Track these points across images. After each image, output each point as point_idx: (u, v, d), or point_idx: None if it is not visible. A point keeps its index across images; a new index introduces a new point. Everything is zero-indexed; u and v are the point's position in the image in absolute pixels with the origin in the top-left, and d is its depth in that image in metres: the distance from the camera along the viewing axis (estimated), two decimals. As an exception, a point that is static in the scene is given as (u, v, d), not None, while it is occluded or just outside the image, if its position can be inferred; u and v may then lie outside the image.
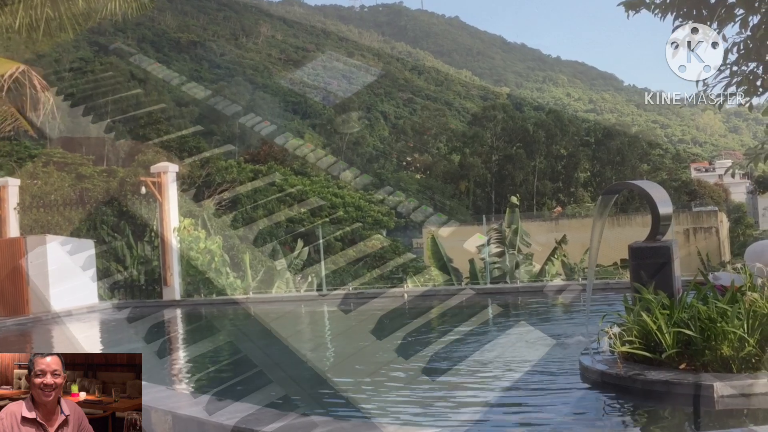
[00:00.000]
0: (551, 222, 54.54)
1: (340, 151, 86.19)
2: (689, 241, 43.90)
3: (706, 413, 7.88)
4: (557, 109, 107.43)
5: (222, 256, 26.98)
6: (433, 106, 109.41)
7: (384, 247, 43.03)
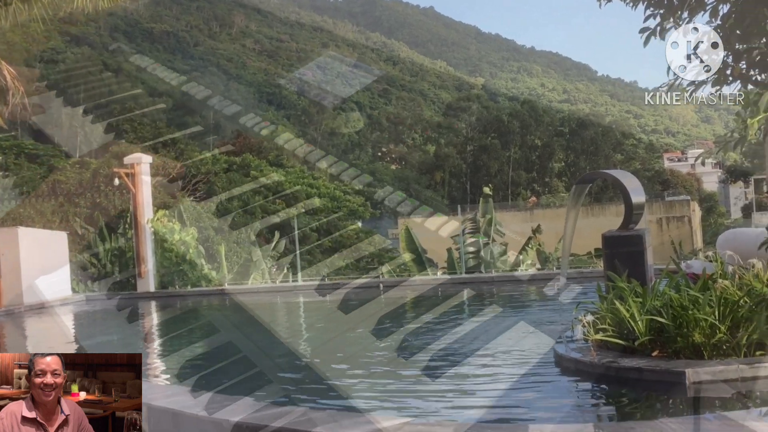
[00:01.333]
0: (526, 212, 54.78)
1: (315, 142, 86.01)
2: (662, 230, 44.29)
3: (679, 399, 7.98)
4: (532, 100, 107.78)
5: (197, 247, 26.87)
6: (408, 96, 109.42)
7: (359, 238, 43.04)
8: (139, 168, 26.27)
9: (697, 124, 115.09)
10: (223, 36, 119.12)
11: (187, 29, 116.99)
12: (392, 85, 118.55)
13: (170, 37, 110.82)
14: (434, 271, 24.93)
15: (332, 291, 22.57)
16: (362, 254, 39.46)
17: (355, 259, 39.59)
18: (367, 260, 37.96)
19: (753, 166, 54.49)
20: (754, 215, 45.39)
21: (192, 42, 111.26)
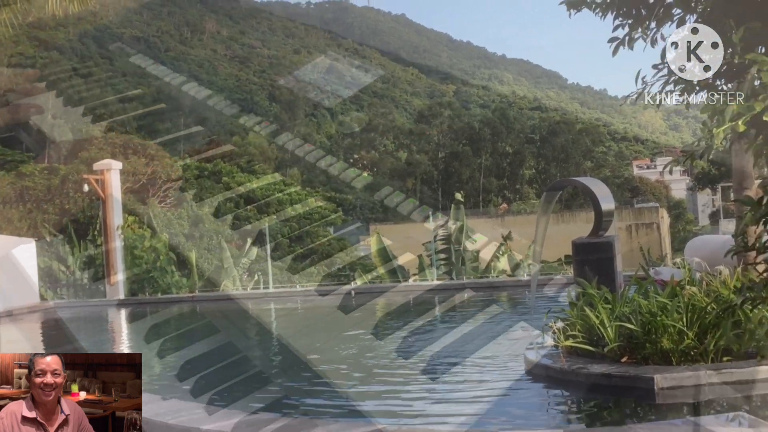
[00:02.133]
0: (497, 218, 55.04)
1: (286, 149, 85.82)
2: (631, 237, 44.69)
3: (647, 405, 8.05)
4: (503, 107, 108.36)
5: (168, 254, 26.69)
6: (380, 103, 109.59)
7: (331, 245, 43.01)
8: (109, 174, 26.06)
9: (665, 132, 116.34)
10: (194, 42, 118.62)
11: (158, 34, 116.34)
12: (364, 91, 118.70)
13: (140, 42, 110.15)
14: (406, 279, 24.97)
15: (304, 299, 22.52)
16: (334, 261, 39.43)
17: (326, 265, 39.55)
18: (340, 267, 37.96)
19: (720, 174, 55.18)
20: (722, 222, 45.94)
21: (163, 47, 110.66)
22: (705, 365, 8.42)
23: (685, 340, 8.65)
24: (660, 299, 9.33)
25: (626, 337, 9.14)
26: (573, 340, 9.53)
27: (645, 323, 8.97)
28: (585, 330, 9.54)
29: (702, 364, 8.46)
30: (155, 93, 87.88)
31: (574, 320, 9.82)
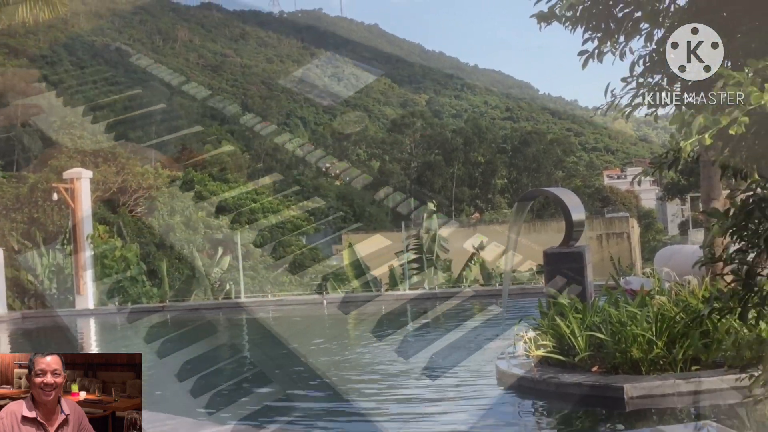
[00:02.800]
0: (469, 228, 55.18)
1: (258, 158, 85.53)
2: (602, 247, 44.97)
3: (617, 414, 8.11)
4: (475, 117, 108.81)
5: (138, 264, 26.47)
6: (353, 112, 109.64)
7: (304, 254, 42.89)
8: (79, 183, 25.83)
9: (635, 143, 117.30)
10: (166, 50, 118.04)
11: (130, 42, 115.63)
12: (335, 100, 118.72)
13: (111, 50, 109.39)
14: (378, 288, 24.95)
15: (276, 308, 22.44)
16: (307, 270, 39.34)
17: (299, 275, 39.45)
18: (312, 277, 37.85)
19: (689, 184, 55.76)
20: (691, 232, 46.40)
21: (134, 56, 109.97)
22: (674, 374, 8.51)
23: (654, 349, 8.74)
24: (630, 309, 9.42)
25: (596, 347, 9.22)
26: (544, 349, 9.60)
27: (615, 333, 9.05)
28: (556, 339, 9.62)
29: (671, 373, 8.55)
30: (126, 100, 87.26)
31: (545, 330, 9.89)
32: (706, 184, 11.84)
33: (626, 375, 8.70)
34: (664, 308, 9.37)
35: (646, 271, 13.38)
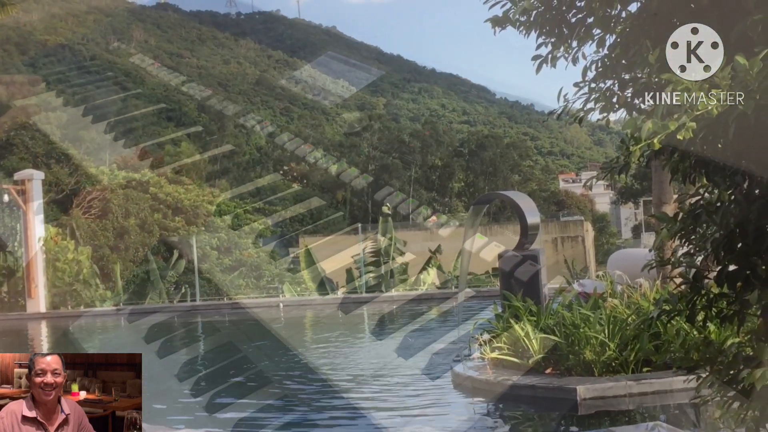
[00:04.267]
0: (426, 231, 55.32)
1: (215, 160, 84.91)
2: (557, 250, 45.43)
3: (570, 416, 8.20)
4: (432, 120, 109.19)
5: (91, 267, 26.10)
6: (310, 115, 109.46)
7: (260, 257, 42.60)
8: (31, 184, 25.41)
9: (590, 147, 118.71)
10: (120, 50, 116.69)
11: (83, 42, 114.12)
12: (294, 103, 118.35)
13: (65, 50, 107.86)
14: (334, 291, 24.92)
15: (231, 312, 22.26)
16: (263, 273, 39.09)
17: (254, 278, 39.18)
18: (268, 279, 37.61)
19: (642, 188, 56.59)
20: (643, 235, 47.05)
21: (88, 55, 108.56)
22: (626, 376, 8.63)
23: (606, 351, 8.85)
24: (583, 311, 9.53)
25: (550, 349, 9.31)
26: (499, 352, 9.67)
27: (568, 335, 9.16)
28: (510, 342, 9.69)
29: (623, 375, 8.67)
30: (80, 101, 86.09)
31: (499, 332, 9.96)
32: (658, 189, 12.03)
33: (579, 377, 8.80)
34: (616, 311, 9.50)
35: (599, 274, 13.55)
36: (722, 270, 4.00)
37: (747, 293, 3.84)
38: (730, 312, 4.04)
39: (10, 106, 67.79)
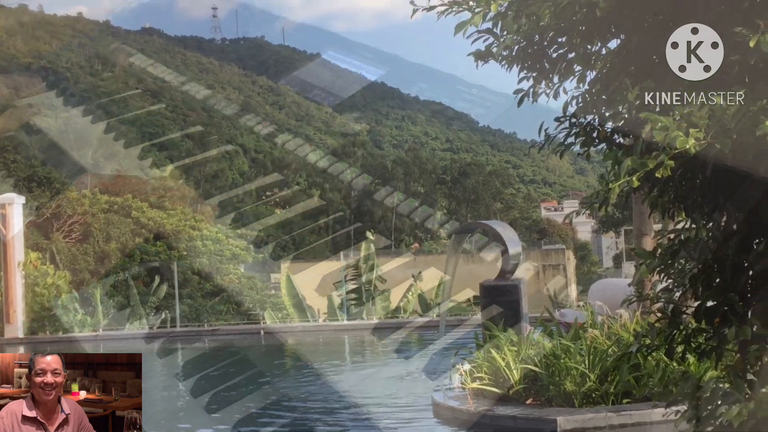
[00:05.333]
0: (409, 258, 55.28)
1: (198, 184, 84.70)
2: (539, 278, 45.52)
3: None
4: (415, 147, 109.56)
5: (70, 291, 25.89)
6: (294, 141, 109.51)
7: (241, 282, 42.40)
8: (11, 208, 25.23)
9: (572, 176, 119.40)
10: (105, 74, 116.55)
11: (68, 66, 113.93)
12: (278, 129, 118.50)
13: (49, 72, 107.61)
14: (315, 318, 24.84)
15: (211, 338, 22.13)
16: (244, 299, 38.91)
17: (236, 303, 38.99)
18: (249, 306, 37.44)
19: (624, 218, 56.94)
20: (624, 265, 47.28)
21: (73, 79, 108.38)
22: (606, 407, 8.64)
23: (587, 382, 8.87)
24: (564, 342, 9.55)
25: (531, 379, 9.32)
26: (479, 382, 9.66)
27: (549, 365, 9.17)
28: (491, 372, 9.69)
29: (603, 407, 8.68)
30: (62, 125, 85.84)
31: (480, 362, 9.96)
32: (638, 220, 12.12)
33: (560, 408, 8.80)
34: (596, 342, 9.52)
35: (580, 304, 13.59)
36: (700, 305, 4.04)
37: (725, 329, 3.87)
38: (708, 347, 4.08)
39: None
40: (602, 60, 4.79)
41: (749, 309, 3.89)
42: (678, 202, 4.48)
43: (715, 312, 3.97)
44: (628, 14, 4.29)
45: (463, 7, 4.75)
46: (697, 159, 3.61)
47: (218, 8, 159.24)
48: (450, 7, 4.69)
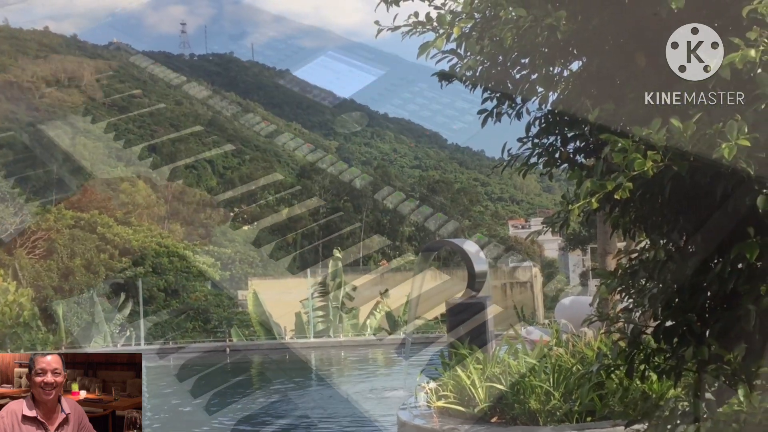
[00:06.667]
0: (377, 275, 55.28)
1: (165, 201, 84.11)
2: (506, 296, 45.72)
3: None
4: (384, 164, 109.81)
5: (32, 309, 25.55)
6: (262, 157, 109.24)
7: (208, 300, 42.13)
8: (-27, 224, 24.89)
9: (539, 194, 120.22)
10: (71, 89, 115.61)
11: (33, 80, 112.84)
12: (246, 145, 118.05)
13: (14, 87, 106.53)
14: (282, 336, 24.73)
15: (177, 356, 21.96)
16: (210, 317, 38.64)
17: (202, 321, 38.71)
18: (216, 323, 37.19)
19: (590, 235, 57.40)
20: (591, 282, 47.69)
21: (37, 93, 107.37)
22: (570, 425, 8.67)
23: (551, 400, 8.90)
24: (528, 360, 9.59)
25: (496, 398, 9.33)
26: (445, 400, 9.65)
27: (514, 384, 9.19)
28: (457, 390, 9.69)
29: (567, 425, 8.71)
30: (29, 138, 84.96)
31: (446, 380, 9.96)
32: (602, 239, 12.23)
33: (524, 426, 8.82)
34: (561, 359, 9.56)
35: (545, 322, 13.68)
36: (659, 325, 4.08)
37: (683, 348, 3.91)
38: (667, 367, 4.12)
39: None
40: (564, 82, 4.85)
41: (707, 329, 3.94)
42: (638, 222, 4.53)
43: (674, 332, 4.01)
44: (588, 38, 4.34)
45: (427, 27, 4.78)
46: (656, 180, 3.65)
47: (186, 24, 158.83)
48: (414, 28, 4.71)
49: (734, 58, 3.46)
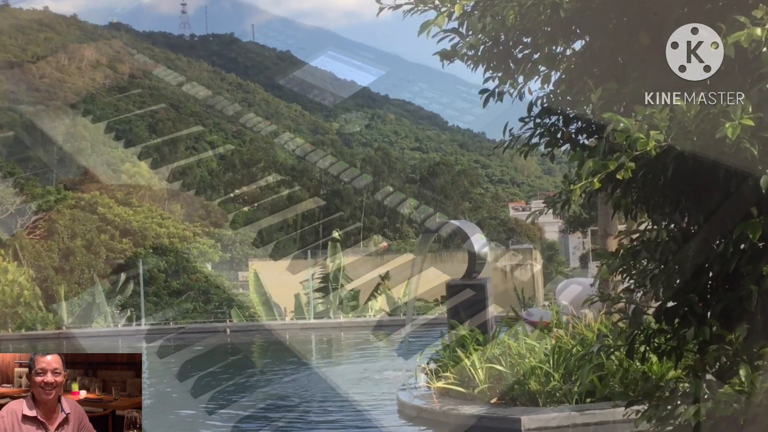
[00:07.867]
0: (378, 257, 55.24)
1: (164, 181, 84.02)
2: (506, 278, 45.69)
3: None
4: (385, 146, 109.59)
5: (33, 289, 25.57)
6: (263, 138, 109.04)
7: (208, 281, 42.12)
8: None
9: (540, 176, 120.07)
10: (72, 69, 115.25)
11: (33, 60, 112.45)
12: (246, 125, 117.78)
13: (14, 67, 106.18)
14: (282, 317, 24.76)
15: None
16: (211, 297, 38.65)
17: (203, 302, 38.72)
18: (217, 304, 37.20)
19: (590, 218, 57.32)
20: (591, 264, 47.66)
21: (38, 74, 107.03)
22: (569, 406, 8.69)
23: (551, 381, 8.91)
24: (528, 341, 9.60)
25: (496, 379, 9.34)
26: (445, 381, 9.67)
27: (514, 365, 9.20)
28: (457, 371, 9.71)
29: (567, 405, 8.73)
30: (27, 121, 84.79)
31: (446, 362, 9.97)
32: (603, 220, 12.21)
33: (524, 407, 8.84)
34: (561, 341, 9.57)
35: (545, 303, 13.68)
36: (660, 306, 4.06)
37: (684, 329, 3.89)
38: (668, 348, 4.10)
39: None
40: (566, 61, 4.80)
41: (708, 310, 3.92)
42: (640, 203, 4.50)
43: (675, 313, 3.99)
44: (591, 16, 4.30)
45: (428, 5, 4.74)
46: (659, 160, 3.62)
47: (187, 4, 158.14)
48: (416, 6, 4.67)
49: (740, 36, 3.42)
